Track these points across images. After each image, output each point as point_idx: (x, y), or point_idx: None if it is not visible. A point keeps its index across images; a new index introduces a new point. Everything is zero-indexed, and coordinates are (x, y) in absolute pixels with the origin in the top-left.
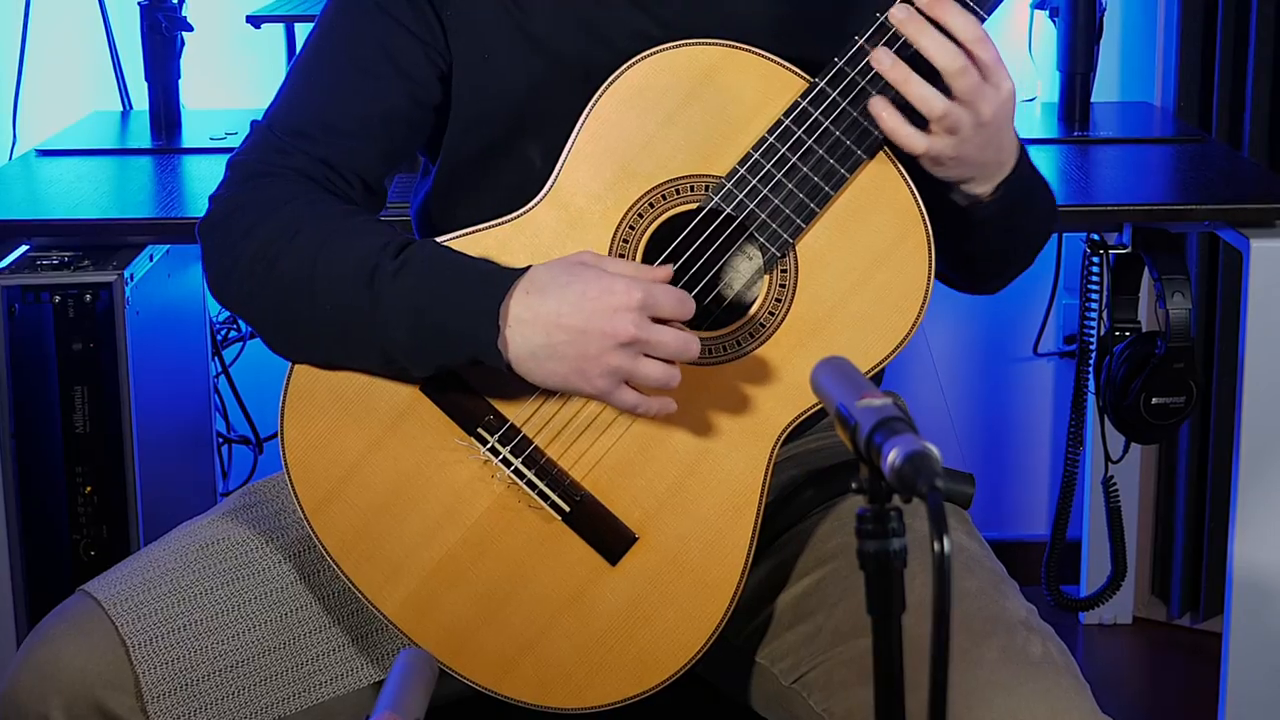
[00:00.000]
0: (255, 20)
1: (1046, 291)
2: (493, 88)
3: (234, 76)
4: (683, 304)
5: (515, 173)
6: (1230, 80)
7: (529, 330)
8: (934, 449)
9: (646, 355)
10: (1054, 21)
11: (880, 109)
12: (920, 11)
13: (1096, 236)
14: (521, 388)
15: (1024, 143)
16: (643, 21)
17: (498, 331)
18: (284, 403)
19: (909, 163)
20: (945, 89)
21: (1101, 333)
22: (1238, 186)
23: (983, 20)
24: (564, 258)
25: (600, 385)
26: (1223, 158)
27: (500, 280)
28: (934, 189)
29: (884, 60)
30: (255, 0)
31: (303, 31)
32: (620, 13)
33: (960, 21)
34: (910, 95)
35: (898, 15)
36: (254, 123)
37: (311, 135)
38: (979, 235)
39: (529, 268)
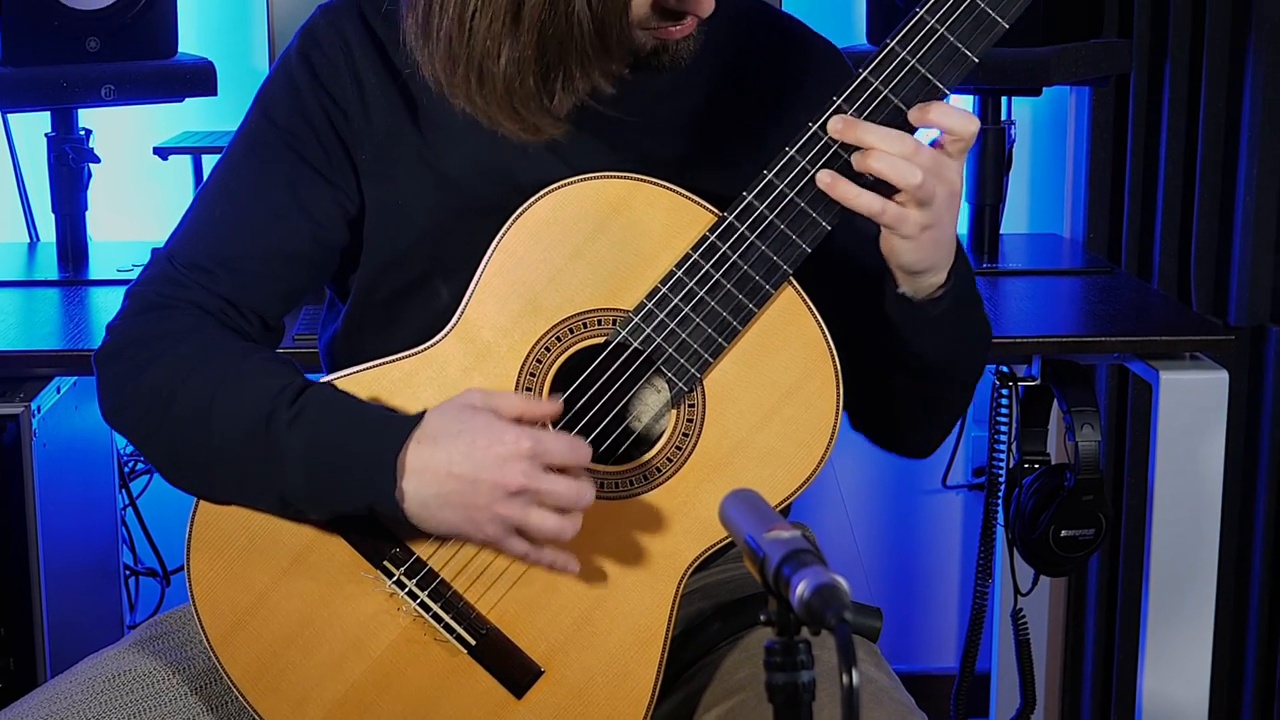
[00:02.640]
0: (162, 152)
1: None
2: (407, 231)
3: (141, 208)
4: (576, 451)
5: (425, 309)
6: (1139, 212)
7: (421, 480)
8: (842, 581)
9: (540, 505)
10: None
11: (833, 180)
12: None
13: (1005, 368)
14: None
15: None
16: (558, 169)
17: (394, 483)
18: (190, 535)
19: (826, 308)
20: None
21: (1010, 465)
22: (1147, 319)
23: (946, 96)
24: (455, 399)
25: (491, 533)
26: (1132, 290)
27: (397, 429)
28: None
29: (824, 178)
30: (162, 132)
31: (210, 163)
32: (534, 159)
33: (879, 132)
34: (880, 169)
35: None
36: (155, 251)
37: (212, 271)
38: (928, 342)
39: (424, 414)
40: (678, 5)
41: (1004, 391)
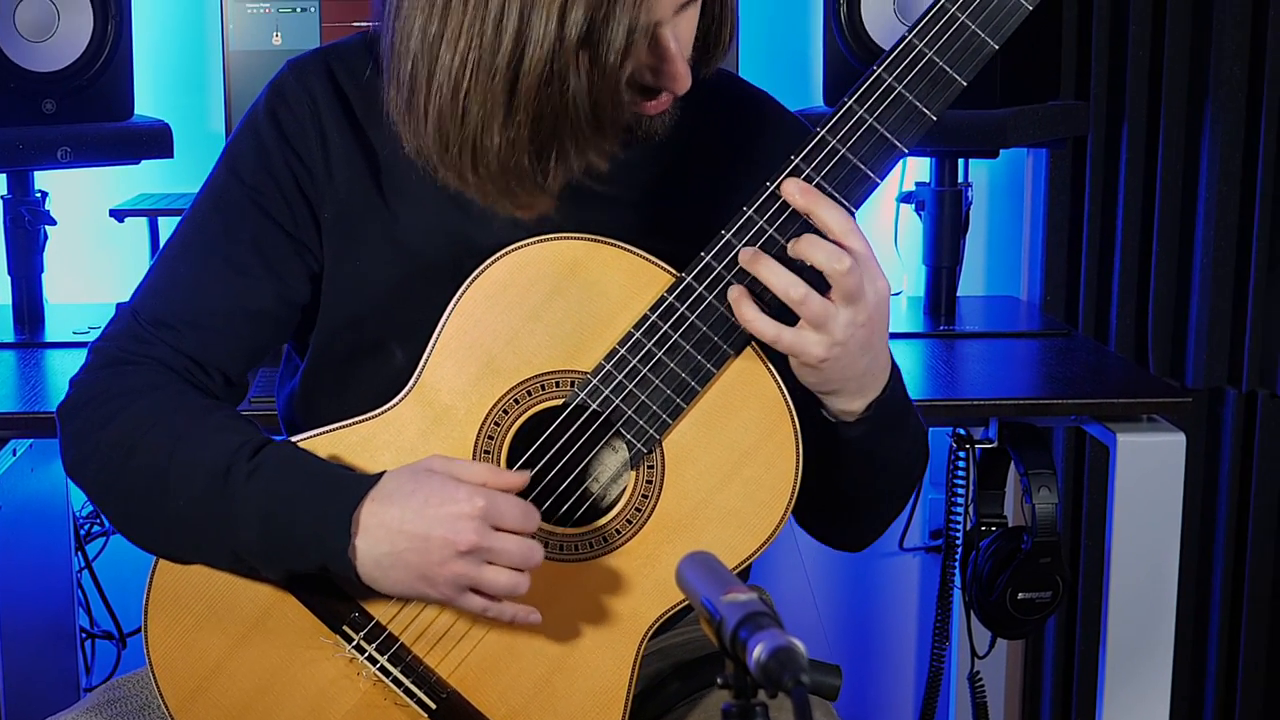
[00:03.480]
0: (119, 214)
1: None
2: (363, 289)
3: (98, 270)
4: (526, 518)
5: (382, 371)
6: (1097, 274)
7: (374, 538)
8: (799, 644)
9: (491, 563)
10: (920, 215)
11: (739, 298)
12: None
13: (962, 431)
14: None
15: (891, 336)
16: (516, 232)
17: (348, 540)
18: (148, 598)
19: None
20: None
21: (967, 527)
22: (1104, 381)
23: (852, 214)
24: (415, 463)
25: (446, 592)
26: (1089, 352)
27: (353, 488)
28: (805, 410)
29: (733, 293)
30: (118, 194)
31: (166, 225)
32: (492, 225)
33: (833, 216)
34: (778, 288)
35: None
36: (119, 306)
37: (176, 327)
38: (845, 460)
39: (382, 475)
40: (654, 82)
41: (961, 454)
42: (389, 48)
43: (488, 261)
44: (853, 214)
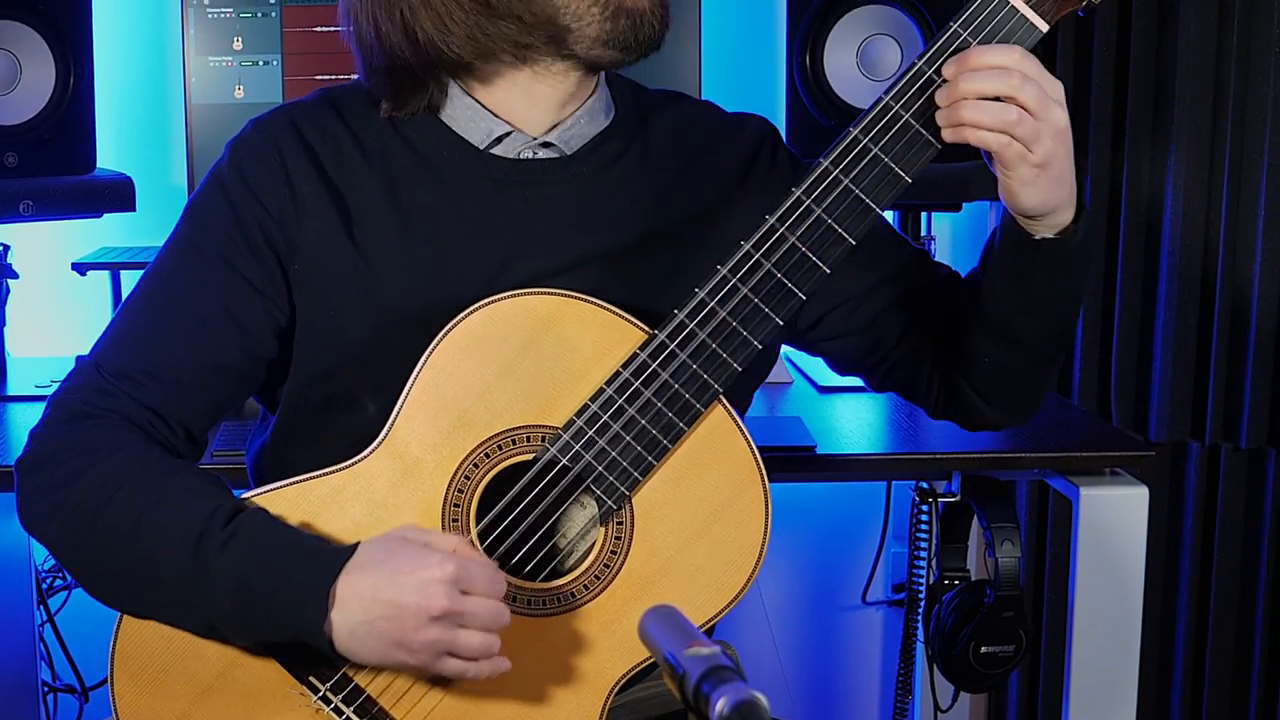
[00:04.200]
0: (81, 268)
1: (875, 540)
2: (336, 342)
3: (60, 324)
4: (494, 584)
5: (354, 424)
6: None
7: (349, 609)
8: (762, 698)
9: (463, 626)
10: None
11: (955, 105)
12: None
13: (925, 485)
14: None
15: (853, 389)
16: (490, 287)
17: (325, 614)
18: (114, 650)
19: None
20: None
21: (930, 581)
22: (1067, 435)
23: (854, 246)
24: (390, 533)
25: (423, 658)
26: (1052, 406)
27: (330, 560)
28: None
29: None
30: (81, 248)
31: (128, 279)
32: (466, 273)
33: (998, 56)
34: (977, 118)
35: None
36: (81, 359)
37: (139, 380)
38: (1060, 284)
39: (357, 545)
40: None
41: (924, 508)
42: None
43: (461, 315)
44: (854, 246)
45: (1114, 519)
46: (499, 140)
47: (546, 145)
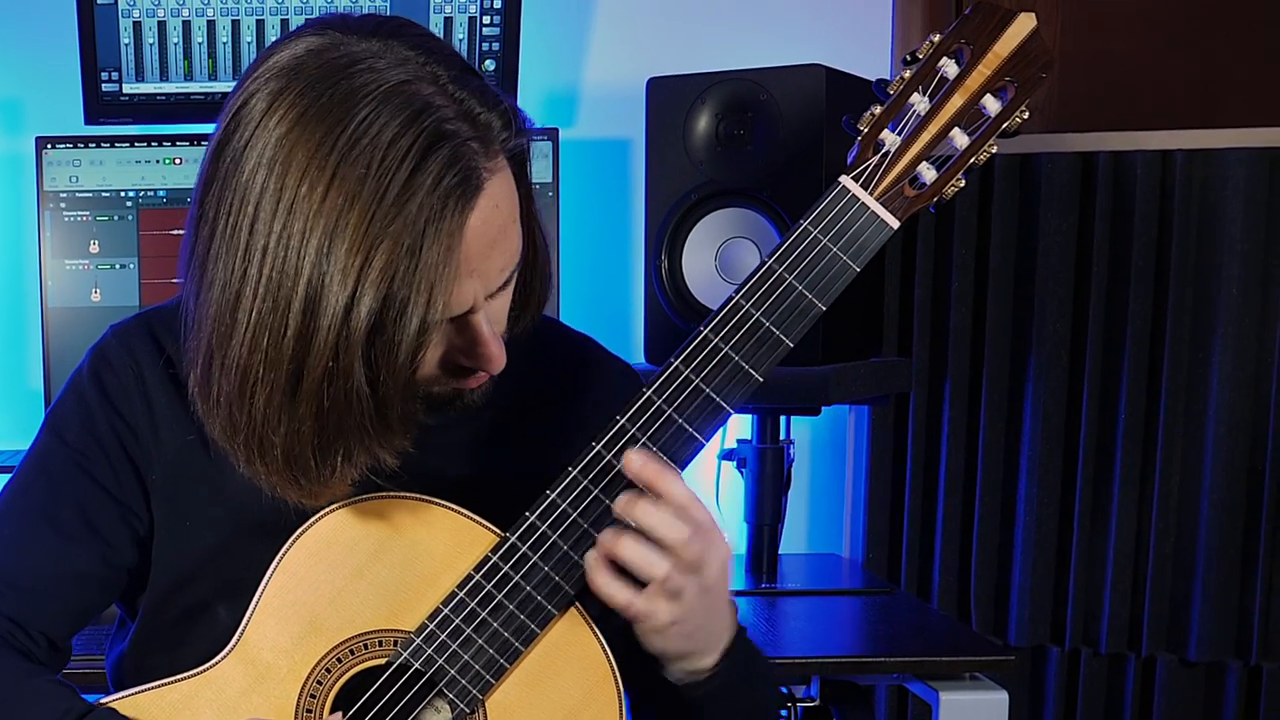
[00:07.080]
0: None
1: None
2: (190, 549)
3: None
4: None
5: (209, 630)
6: (919, 531)
7: None
8: None
9: None
10: (741, 473)
11: (595, 565)
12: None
13: (784, 689)
14: None
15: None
16: (342, 491)
17: None
18: None
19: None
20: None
21: None
22: (927, 639)
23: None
24: None
25: None
26: (912, 609)
27: None
28: (648, 683)
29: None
30: None
31: None
32: None
33: (676, 488)
34: (629, 560)
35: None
36: None
37: None
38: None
39: None
40: (469, 363)
41: (783, 713)
42: (190, 326)
43: (312, 519)
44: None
45: None
46: None
47: None
